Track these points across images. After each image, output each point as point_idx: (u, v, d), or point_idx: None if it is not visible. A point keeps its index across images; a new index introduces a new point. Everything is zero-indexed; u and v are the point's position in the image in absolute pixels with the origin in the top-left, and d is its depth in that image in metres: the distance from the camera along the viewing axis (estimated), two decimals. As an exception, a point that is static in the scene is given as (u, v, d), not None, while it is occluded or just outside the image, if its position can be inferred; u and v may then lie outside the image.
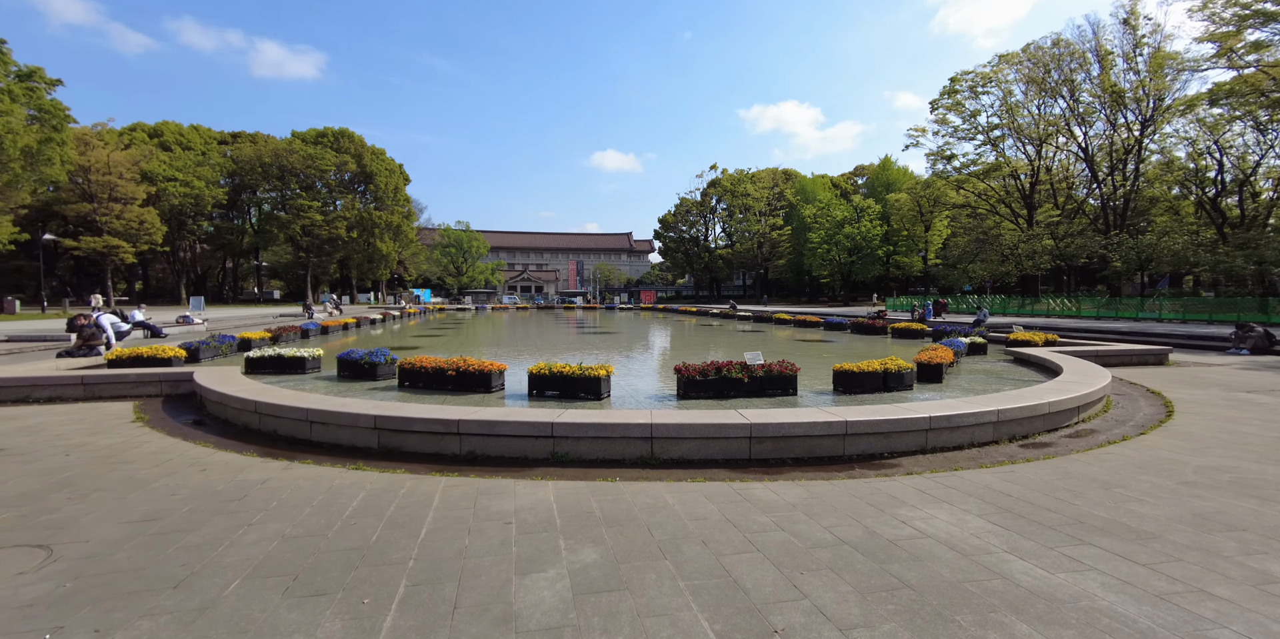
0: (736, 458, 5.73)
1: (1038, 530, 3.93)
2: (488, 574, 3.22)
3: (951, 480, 5.06)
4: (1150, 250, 33.16)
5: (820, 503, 4.46)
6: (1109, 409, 8.44)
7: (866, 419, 5.94)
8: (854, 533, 3.87)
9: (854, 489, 4.82)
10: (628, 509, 4.25)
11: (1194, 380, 10.87)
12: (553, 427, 5.60)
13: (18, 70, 37.26)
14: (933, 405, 6.58)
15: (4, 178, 36.63)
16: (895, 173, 67.19)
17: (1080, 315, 31.54)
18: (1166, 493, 4.68)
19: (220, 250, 69.68)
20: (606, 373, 8.27)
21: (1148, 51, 37.86)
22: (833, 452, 5.93)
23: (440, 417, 5.73)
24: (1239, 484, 4.89)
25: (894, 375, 8.98)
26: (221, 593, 2.98)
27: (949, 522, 4.09)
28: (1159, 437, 6.63)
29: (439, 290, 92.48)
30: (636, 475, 5.19)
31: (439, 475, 5.04)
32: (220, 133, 69.98)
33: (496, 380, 8.69)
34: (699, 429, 5.64)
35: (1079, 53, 40.56)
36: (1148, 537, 3.82)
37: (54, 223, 49.02)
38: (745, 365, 8.63)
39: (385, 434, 5.91)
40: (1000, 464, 5.63)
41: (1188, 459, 5.68)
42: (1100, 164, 41.59)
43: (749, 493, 4.68)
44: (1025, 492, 4.73)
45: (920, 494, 4.68)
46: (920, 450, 6.16)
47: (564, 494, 4.57)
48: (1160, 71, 37.44)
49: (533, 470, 5.32)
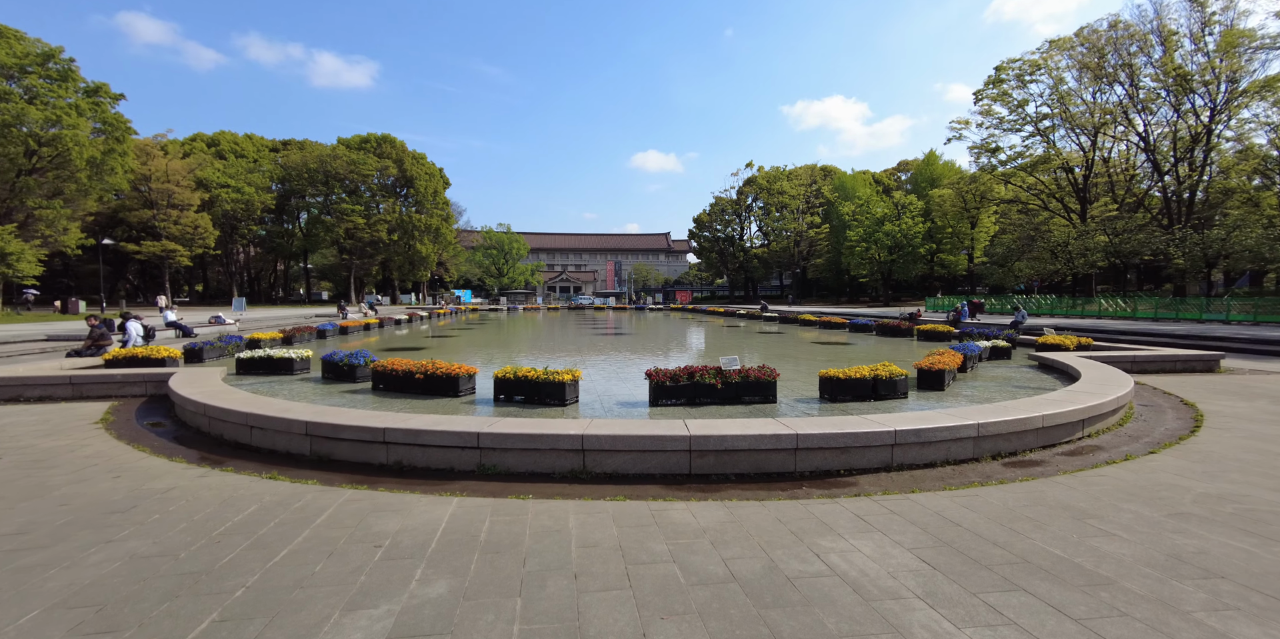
0: (675, 473, 5.31)
1: (970, 570, 3.40)
2: (311, 609, 2.93)
3: (901, 505, 4.52)
4: (1219, 245, 30.66)
5: (737, 529, 4.01)
6: (1126, 422, 7.60)
7: (820, 432, 5.42)
8: (752, 568, 3.42)
9: (784, 512, 4.34)
10: (518, 533, 3.90)
11: (1242, 390, 9.78)
12: (479, 437, 5.30)
13: (85, 86, 39.69)
14: (903, 417, 5.98)
15: (71, 187, 39.01)
16: (940, 168, 64.52)
17: (1136, 317, 29.38)
18: (1147, 527, 4.04)
19: (271, 253, 72.69)
20: (573, 377, 7.94)
21: (1219, 30, 35.09)
22: (782, 467, 5.44)
23: (366, 424, 5.51)
24: (1241, 518, 4.19)
25: (885, 382, 8.35)
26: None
27: (870, 556, 3.59)
28: (1170, 456, 5.86)
29: (479, 291, 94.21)
30: (556, 492, 4.84)
31: (348, 488, 4.81)
32: (272, 141, 73.08)
33: (465, 384, 8.48)
34: (634, 441, 5.25)
35: (1139, 34, 37.93)
36: (1099, 583, 3.24)
37: (120, 229, 51.94)
38: (720, 370, 8.16)
39: (318, 441, 5.74)
40: (968, 486, 5.03)
41: (1193, 484, 4.96)
42: (1167, 154, 38.66)
43: (665, 515, 4.26)
44: (979, 521, 4.17)
45: (856, 521, 4.18)
46: (884, 468, 5.60)
47: (463, 513, 4.26)
48: (1233, 51, 34.62)
49: (452, 484, 5.04)
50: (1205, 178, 38.06)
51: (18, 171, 35.50)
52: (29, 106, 33.59)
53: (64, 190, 38.49)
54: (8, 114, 32.99)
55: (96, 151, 38.32)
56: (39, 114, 34.05)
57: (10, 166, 35.18)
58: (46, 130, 35.33)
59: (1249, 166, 37.83)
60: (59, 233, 38.11)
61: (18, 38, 36.01)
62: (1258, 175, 37.82)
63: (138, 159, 47.95)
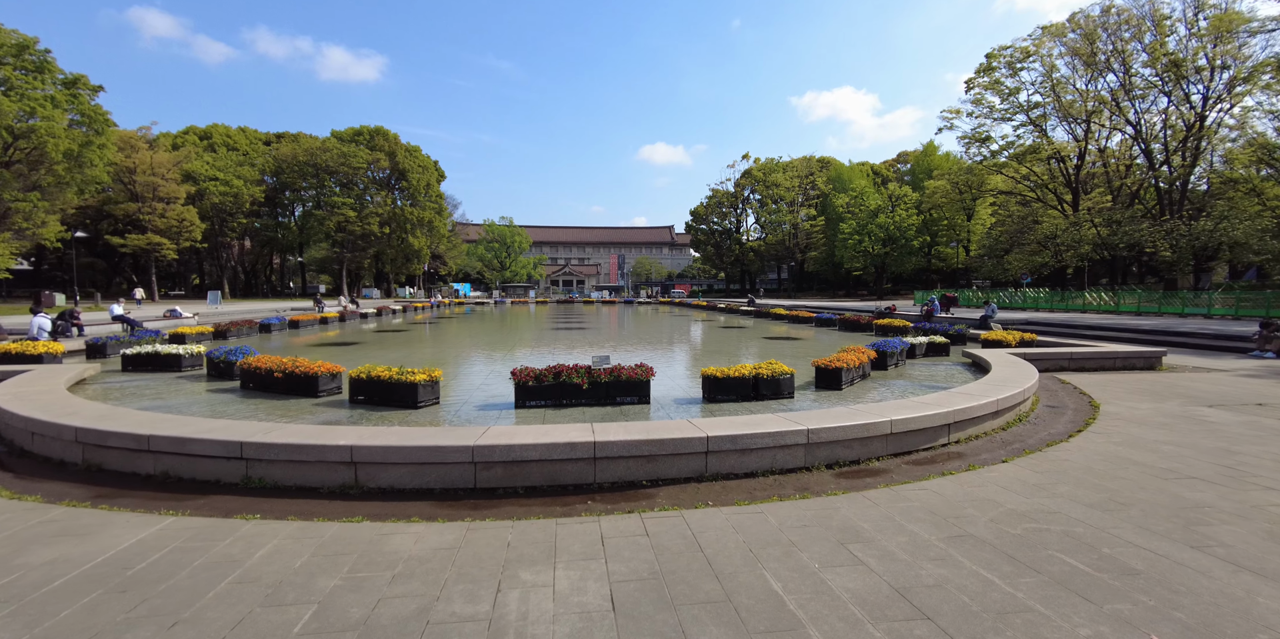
0: (458, 487, 4.88)
1: (653, 612, 2.95)
2: None
3: (664, 524, 4.07)
4: (1206, 237, 29.74)
5: (447, 558, 3.57)
6: (1013, 426, 7.09)
7: (622, 440, 4.97)
8: (400, 610, 2.98)
9: (526, 534, 3.90)
10: (182, 564, 3.43)
11: (1164, 390, 9.20)
12: (242, 447, 4.88)
13: (63, 78, 39.51)
14: (723, 422, 5.50)
15: (49, 179, 38.92)
16: (938, 158, 63.50)
17: (1119, 311, 28.60)
18: (908, 554, 3.56)
19: (267, 247, 72.75)
20: (429, 378, 7.51)
21: (1212, 12, 33.90)
22: (580, 479, 5.00)
23: (130, 431, 5.11)
24: (1020, 541, 3.70)
25: (767, 382, 7.88)
26: None
27: (558, 593, 3.14)
28: (1017, 466, 5.36)
29: (479, 284, 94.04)
30: (311, 510, 4.41)
31: (62, 506, 4.39)
32: (266, 134, 72.90)
33: (326, 384, 8.09)
34: (410, 453, 4.82)
35: (1133, 19, 36.77)
36: (783, 628, 2.78)
37: (106, 222, 51.96)
38: (589, 370, 7.71)
39: (90, 449, 5.34)
40: (766, 500, 4.57)
41: (1008, 500, 4.46)
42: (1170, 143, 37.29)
43: (386, 542, 3.79)
44: (730, 545, 3.71)
45: (592, 545, 3.73)
46: (696, 478, 5.14)
47: (155, 537, 3.82)
48: (1228, 35, 33.47)
49: (198, 499, 4.62)
50: (1203, 167, 36.93)
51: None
52: (2, 98, 33.38)
53: (41, 183, 38.39)
54: (-20, 106, 32.80)
55: (73, 144, 38.12)
56: (13, 106, 33.85)
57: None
58: (22, 122, 35.18)
59: (1248, 156, 36.65)
60: (36, 226, 38.06)
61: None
62: (1265, 166, 36.48)
63: (121, 152, 47.83)
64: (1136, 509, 4.23)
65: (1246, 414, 7.38)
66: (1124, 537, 3.76)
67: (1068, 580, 3.21)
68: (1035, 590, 3.10)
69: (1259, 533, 3.80)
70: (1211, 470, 5.12)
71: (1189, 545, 3.62)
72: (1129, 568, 3.34)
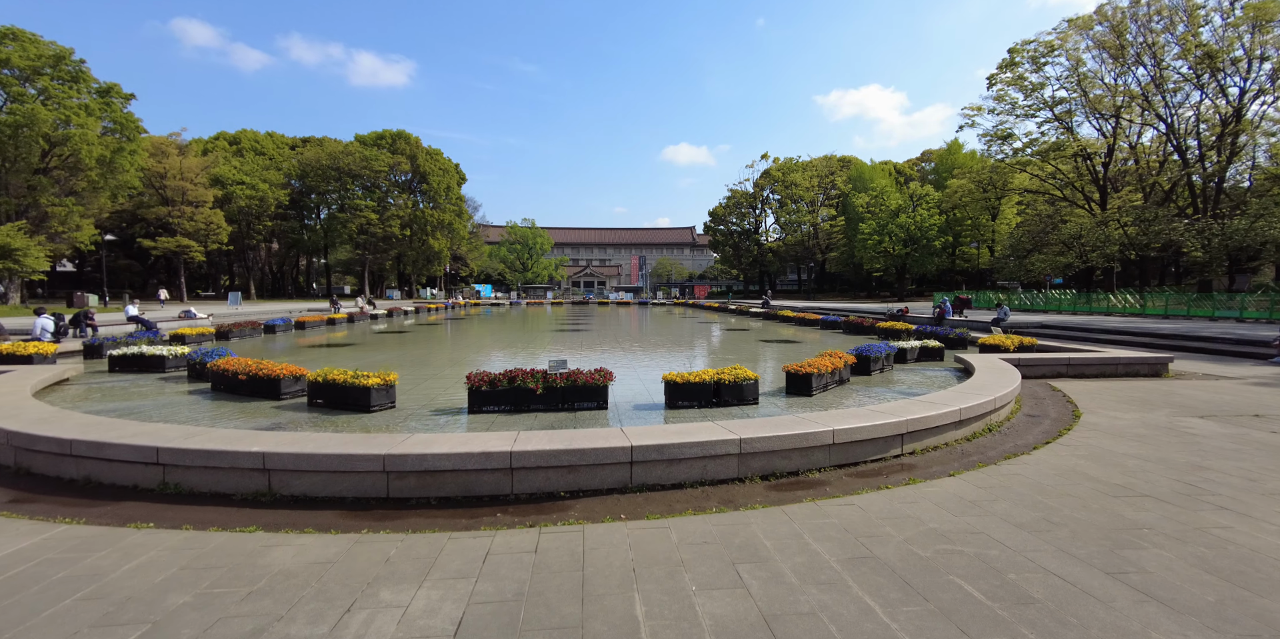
0: (371, 496, 4.78)
1: (497, 637, 2.80)
2: None
3: (559, 540, 3.91)
4: (1241, 237, 28.39)
5: (319, 573, 3.46)
6: (980, 436, 6.75)
7: (540, 449, 4.82)
8: (237, 630, 2.88)
9: (411, 549, 3.78)
10: (28, 581, 3.28)
11: (1159, 399, 8.70)
12: (158, 452, 4.86)
13: (97, 87, 40.98)
14: (649, 431, 5.30)
15: (82, 184, 40.37)
16: (962, 157, 61.90)
17: (1145, 314, 27.46)
18: (798, 576, 3.34)
19: (293, 249, 74.44)
20: (382, 382, 7.47)
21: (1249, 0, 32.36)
22: (496, 489, 4.86)
23: (55, 435, 5.14)
24: (924, 566, 3.44)
25: (729, 387, 7.68)
26: None
27: (412, 614, 3.02)
28: (961, 480, 5.06)
29: (500, 286, 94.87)
30: (200, 518, 4.35)
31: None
32: (292, 138, 74.56)
33: (289, 386, 8.11)
34: (321, 461, 4.74)
35: (1165, 10, 35.34)
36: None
37: (139, 225, 53.70)
38: (545, 374, 7.59)
39: (20, 453, 5.40)
40: (680, 514, 4.37)
41: (934, 517, 4.19)
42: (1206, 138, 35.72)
43: (264, 555, 3.69)
44: (610, 565, 3.54)
45: (471, 563, 3.59)
46: (620, 489, 4.97)
47: (32, 548, 3.72)
48: (1267, 25, 31.96)
49: (105, 506, 4.58)
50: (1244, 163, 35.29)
51: (31, 170, 36.86)
52: (40, 107, 34.69)
53: (76, 188, 39.83)
54: (20, 114, 34.15)
55: (106, 150, 39.40)
56: (50, 114, 35.16)
57: (24, 166, 36.54)
58: (58, 130, 36.53)
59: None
60: (71, 229, 39.50)
61: (33, 40, 37.21)
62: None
63: (153, 157, 49.43)
64: (1066, 530, 3.93)
65: (1236, 426, 6.91)
66: (1038, 561, 3.49)
67: (953, 610, 2.96)
68: (912, 621, 2.87)
69: (1188, 558, 3.48)
70: (1169, 488, 4.76)
71: (1104, 571, 3.34)
72: (1026, 596, 3.07)
